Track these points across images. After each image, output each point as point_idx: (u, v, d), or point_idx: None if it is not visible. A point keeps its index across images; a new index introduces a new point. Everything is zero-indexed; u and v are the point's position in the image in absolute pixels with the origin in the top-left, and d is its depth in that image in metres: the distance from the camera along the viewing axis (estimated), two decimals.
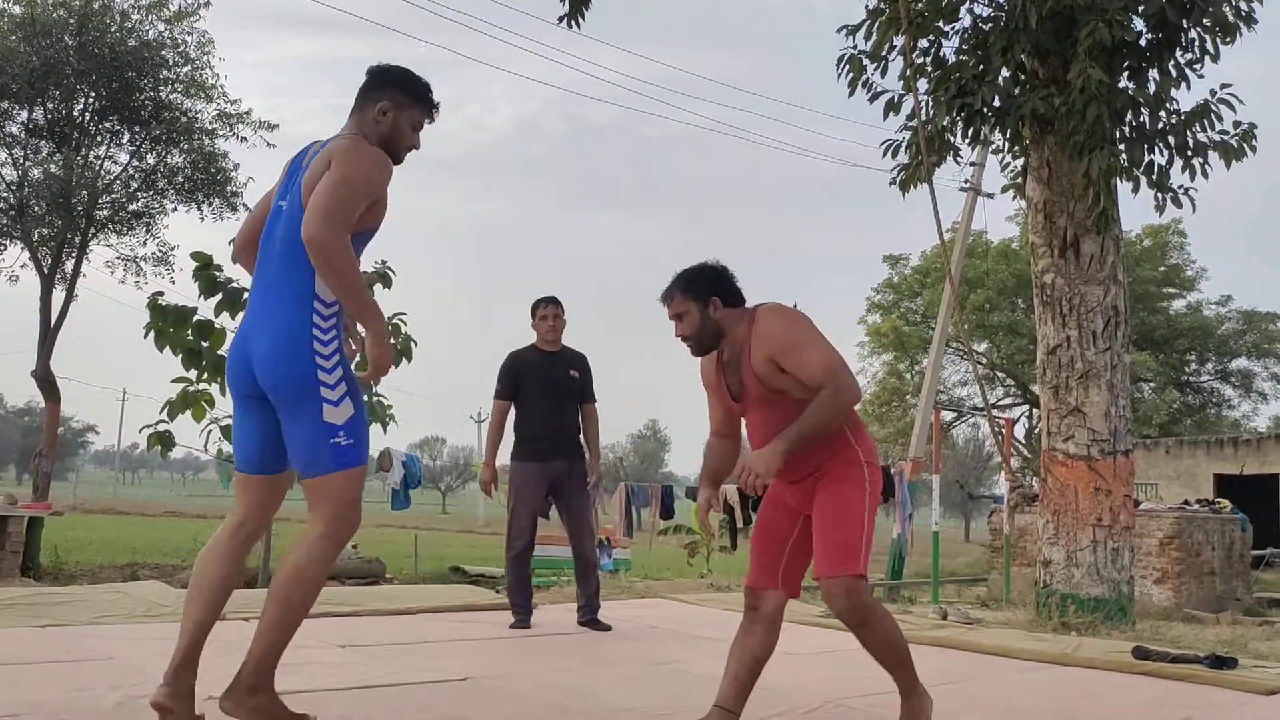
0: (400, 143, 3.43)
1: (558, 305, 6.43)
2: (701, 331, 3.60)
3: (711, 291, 3.57)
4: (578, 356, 6.48)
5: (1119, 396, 8.07)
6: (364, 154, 3.23)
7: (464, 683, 4.41)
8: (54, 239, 21.38)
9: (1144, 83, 8.20)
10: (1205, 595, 12.71)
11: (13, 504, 11.06)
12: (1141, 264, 33.31)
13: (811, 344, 3.43)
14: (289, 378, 3.13)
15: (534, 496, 6.30)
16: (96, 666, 4.28)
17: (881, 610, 3.50)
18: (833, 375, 3.35)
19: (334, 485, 3.19)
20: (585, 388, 6.47)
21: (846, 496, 3.41)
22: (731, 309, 3.60)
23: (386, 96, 3.38)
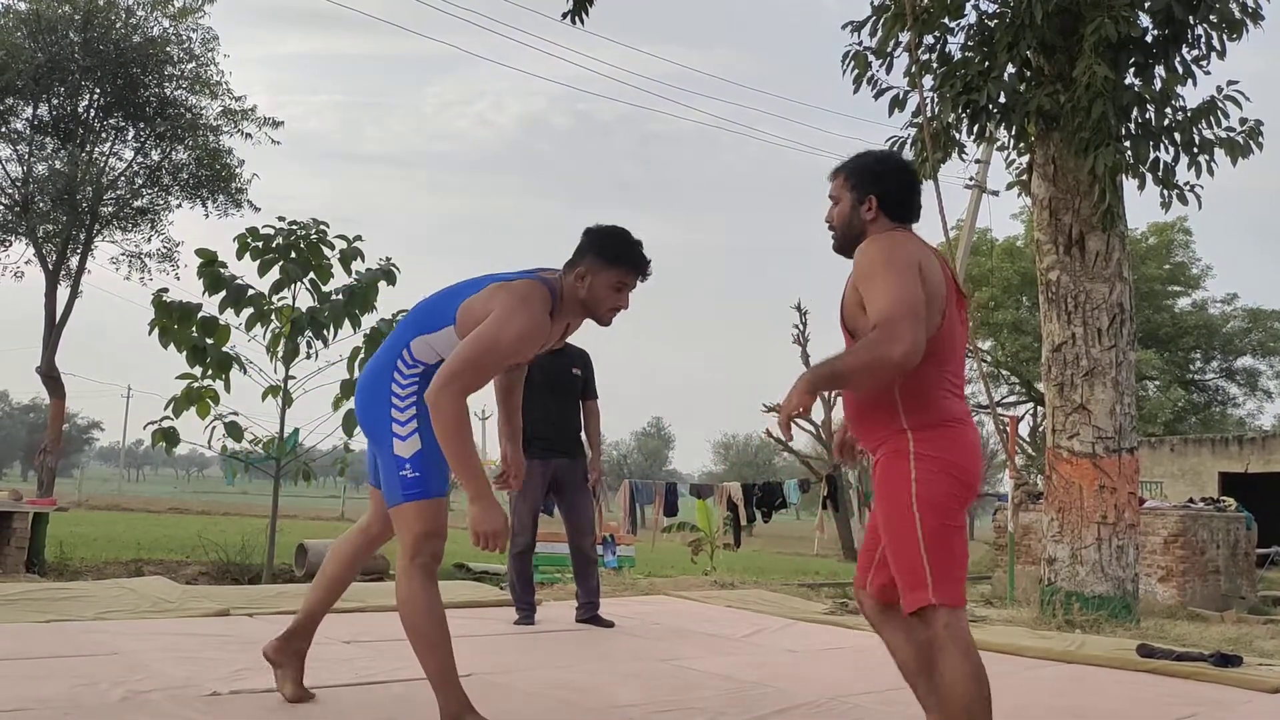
0: (599, 307, 3.43)
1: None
2: (846, 228, 3.04)
3: (873, 189, 3.00)
4: (580, 353, 6.48)
5: (1124, 394, 8.06)
6: (516, 321, 3.22)
7: (468, 679, 4.40)
8: (59, 235, 21.42)
9: (1150, 79, 8.19)
10: (1210, 593, 12.69)
11: (18, 500, 11.08)
12: (1147, 262, 33.25)
13: (889, 278, 2.75)
14: (366, 416, 3.47)
15: (535, 493, 6.30)
16: (101, 662, 4.28)
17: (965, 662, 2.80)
18: (889, 320, 2.67)
19: (406, 515, 3.35)
20: (587, 384, 6.48)
21: (890, 507, 2.85)
22: (885, 219, 3.00)
23: (586, 261, 3.39)
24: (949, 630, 2.79)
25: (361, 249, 9.60)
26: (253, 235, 9.23)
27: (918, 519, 2.78)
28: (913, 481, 2.80)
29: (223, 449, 9.43)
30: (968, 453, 2.86)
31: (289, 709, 3.67)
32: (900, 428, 2.85)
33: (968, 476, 2.85)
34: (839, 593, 10.84)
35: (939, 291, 2.85)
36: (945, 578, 2.79)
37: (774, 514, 18.08)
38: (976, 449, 2.91)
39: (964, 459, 2.85)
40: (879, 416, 2.89)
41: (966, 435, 2.88)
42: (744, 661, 5.24)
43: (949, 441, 2.84)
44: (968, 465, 2.85)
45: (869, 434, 2.95)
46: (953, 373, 2.92)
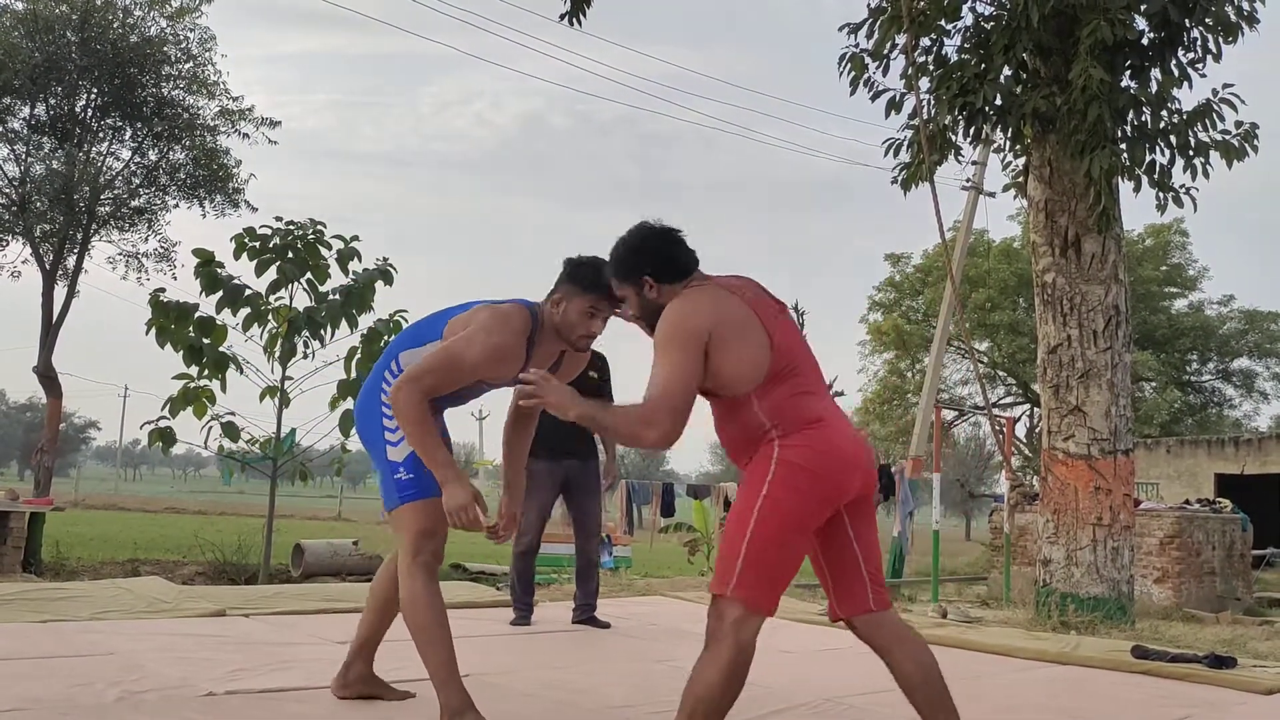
0: (571, 332, 3.54)
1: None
2: (649, 316, 3.05)
3: (641, 271, 3.07)
4: (598, 357, 6.45)
5: (1120, 396, 8.07)
6: (485, 337, 3.40)
7: (465, 679, 4.41)
8: (56, 235, 21.40)
9: (1146, 82, 8.21)
10: (1205, 595, 12.71)
11: (14, 499, 11.08)
12: (1143, 263, 33.30)
13: (665, 359, 2.85)
14: (363, 430, 3.64)
15: (544, 494, 6.32)
16: (97, 662, 4.29)
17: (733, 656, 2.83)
18: (652, 406, 2.80)
19: (404, 517, 3.48)
20: (604, 388, 6.45)
21: (743, 501, 2.86)
22: (670, 286, 3.04)
23: (561, 288, 3.54)
24: (734, 627, 2.81)
25: (358, 249, 9.61)
26: (250, 235, 9.24)
27: (754, 519, 2.80)
28: (766, 484, 2.82)
29: (219, 449, 9.44)
30: (832, 452, 2.86)
31: (286, 709, 3.67)
32: (770, 437, 2.87)
33: (832, 479, 2.85)
34: None
35: (749, 327, 2.91)
36: (756, 580, 2.80)
37: None
38: (842, 447, 2.89)
39: (828, 461, 2.85)
40: (748, 434, 2.92)
41: (831, 436, 2.88)
42: None
43: (813, 445, 2.85)
44: (832, 466, 2.85)
45: (742, 451, 2.96)
46: (806, 377, 2.97)
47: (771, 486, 2.81)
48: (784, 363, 2.91)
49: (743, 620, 2.81)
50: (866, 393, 37.64)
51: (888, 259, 37.49)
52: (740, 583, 2.79)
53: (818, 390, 2.99)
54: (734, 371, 2.86)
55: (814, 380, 3.00)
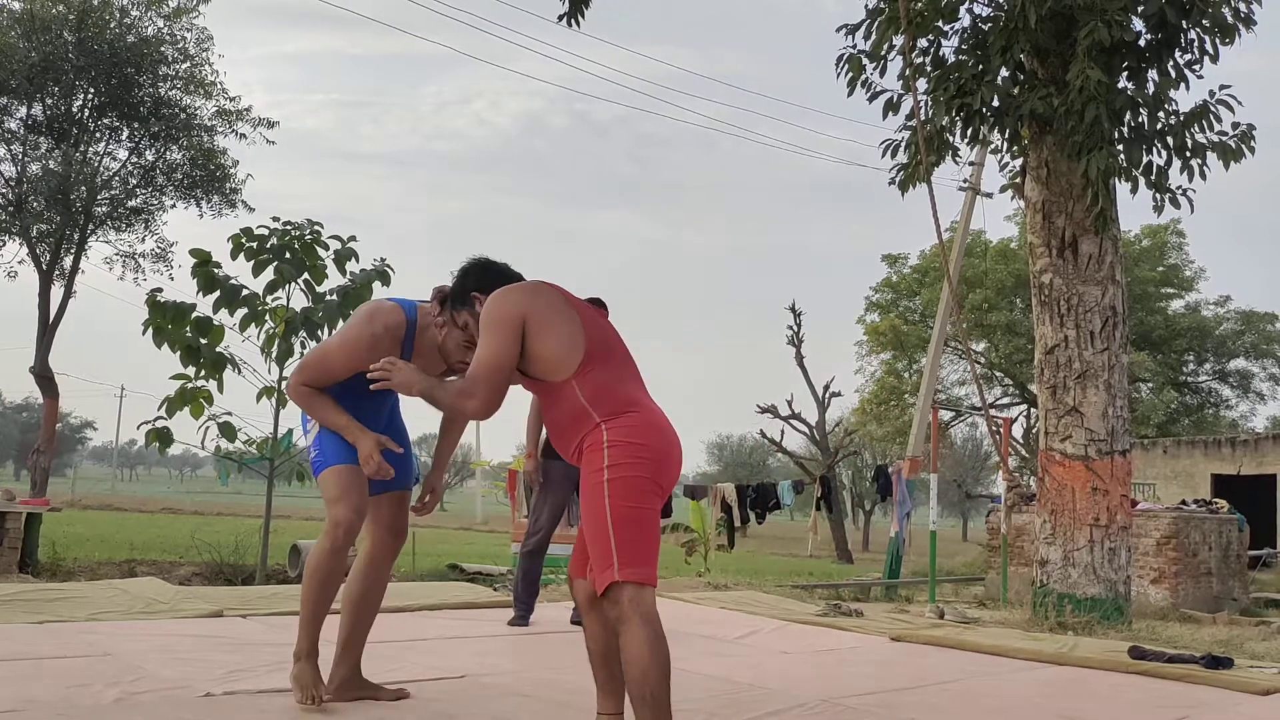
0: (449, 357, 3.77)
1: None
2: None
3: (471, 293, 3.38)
4: None
5: (1116, 396, 8.08)
6: (347, 332, 3.73)
7: (462, 680, 4.42)
8: (53, 235, 21.38)
9: (1143, 83, 8.22)
10: (1202, 595, 12.72)
11: (11, 500, 11.06)
12: (1140, 264, 33.31)
13: (484, 340, 3.05)
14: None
15: (560, 494, 6.34)
16: (95, 663, 4.28)
17: (642, 628, 2.92)
18: (471, 380, 3.01)
19: (321, 487, 3.77)
20: None
21: (589, 494, 2.95)
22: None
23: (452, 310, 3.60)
24: (632, 603, 2.90)
25: (356, 249, 9.60)
26: (247, 235, 9.22)
27: (608, 501, 2.90)
28: (605, 467, 2.92)
29: (216, 449, 9.42)
30: (655, 432, 3.00)
31: (284, 710, 3.67)
32: (595, 423, 2.99)
33: (660, 455, 2.98)
34: (833, 594, 10.85)
35: (562, 313, 3.08)
36: (632, 557, 2.90)
37: (768, 515, 18.09)
38: (664, 427, 3.04)
39: (653, 439, 2.98)
40: (574, 419, 3.04)
41: (649, 416, 3.02)
42: (737, 663, 5.25)
43: (638, 425, 2.99)
44: (658, 444, 2.99)
45: (570, 440, 3.07)
46: (623, 366, 3.13)
47: (611, 468, 2.92)
48: (599, 349, 3.07)
49: (637, 596, 2.91)
50: (864, 393, 37.66)
51: (885, 259, 37.51)
52: (621, 565, 2.89)
53: (635, 379, 3.15)
54: (549, 352, 3.02)
55: (630, 369, 3.16)
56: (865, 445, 43.18)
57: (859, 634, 6.61)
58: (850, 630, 6.73)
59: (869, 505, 55.49)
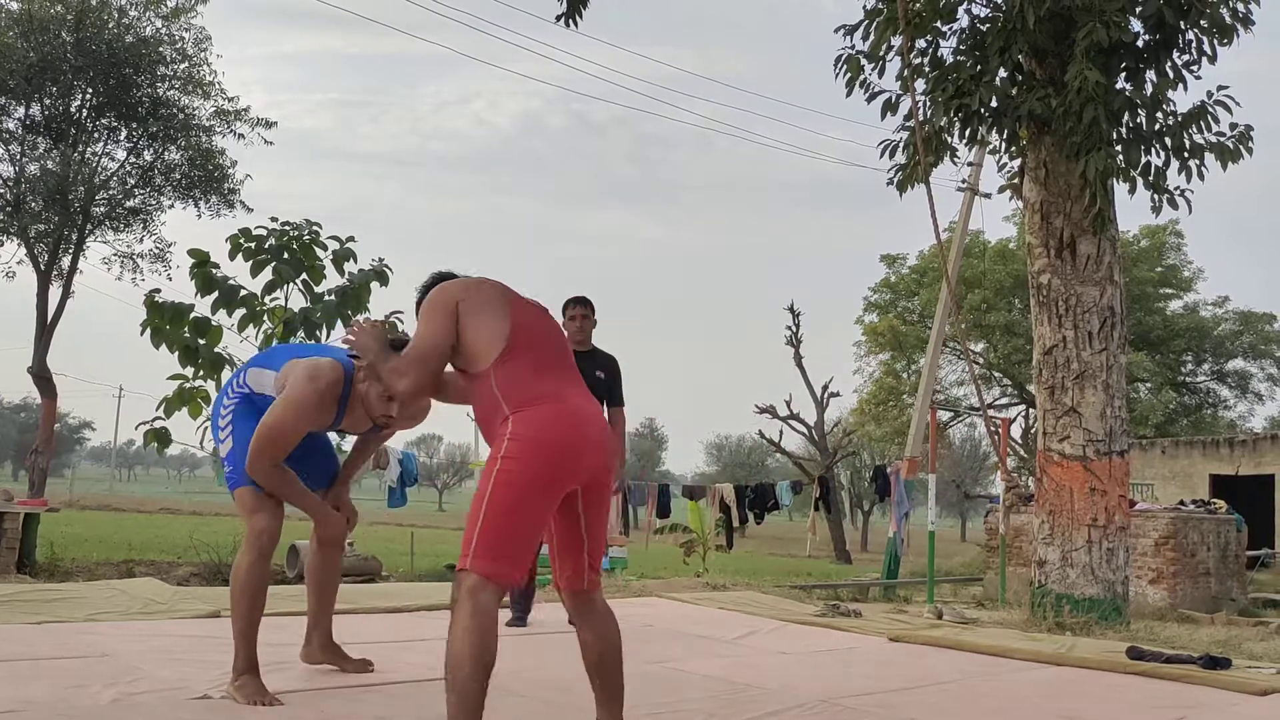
0: (372, 410, 3.97)
1: (586, 306, 6.40)
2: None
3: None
4: (607, 358, 6.43)
5: (1115, 397, 8.09)
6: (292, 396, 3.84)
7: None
8: (51, 235, 21.37)
9: (1141, 84, 8.22)
10: (1200, 595, 12.73)
11: (9, 500, 11.05)
12: (1138, 264, 33.33)
13: (420, 325, 3.17)
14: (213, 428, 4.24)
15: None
16: (92, 663, 4.28)
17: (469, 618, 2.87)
18: (404, 360, 3.11)
19: (237, 502, 4.00)
20: (613, 390, 6.41)
21: (481, 480, 2.98)
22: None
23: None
24: (470, 593, 2.87)
25: (354, 250, 9.59)
26: (245, 236, 9.22)
27: (489, 491, 2.91)
28: (499, 458, 2.94)
29: (214, 450, 9.42)
30: (560, 425, 2.99)
31: (281, 710, 3.67)
32: (505, 416, 3.01)
33: (562, 449, 2.97)
34: (831, 594, 10.85)
35: (494, 304, 3.14)
36: (491, 551, 2.88)
37: (766, 515, 18.07)
38: (571, 419, 3.02)
39: (556, 432, 2.97)
40: (493, 415, 3.07)
41: (559, 408, 3.02)
42: (736, 663, 5.25)
43: (542, 418, 2.98)
44: (561, 438, 2.97)
45: (489, 431, 3.10)
46: (544, 356, 3.14)
47: (503, 460, 2.93)
48: (522, 342, 3.09)
49: (479, 587, 2.88)
50: (862, 394, 37.66)
51: (883, 260, 37.49)
52: (476, 554, 2.88)
53: (559, 372, 3.15)
54: (472, 341, 3.08)
55: (554, 362, 3.16)
56: (864, 446, 43.19)
57: (857, 634, 6.62)
58: (849, 631, 6.74)
59: (867, 506, 55.51)
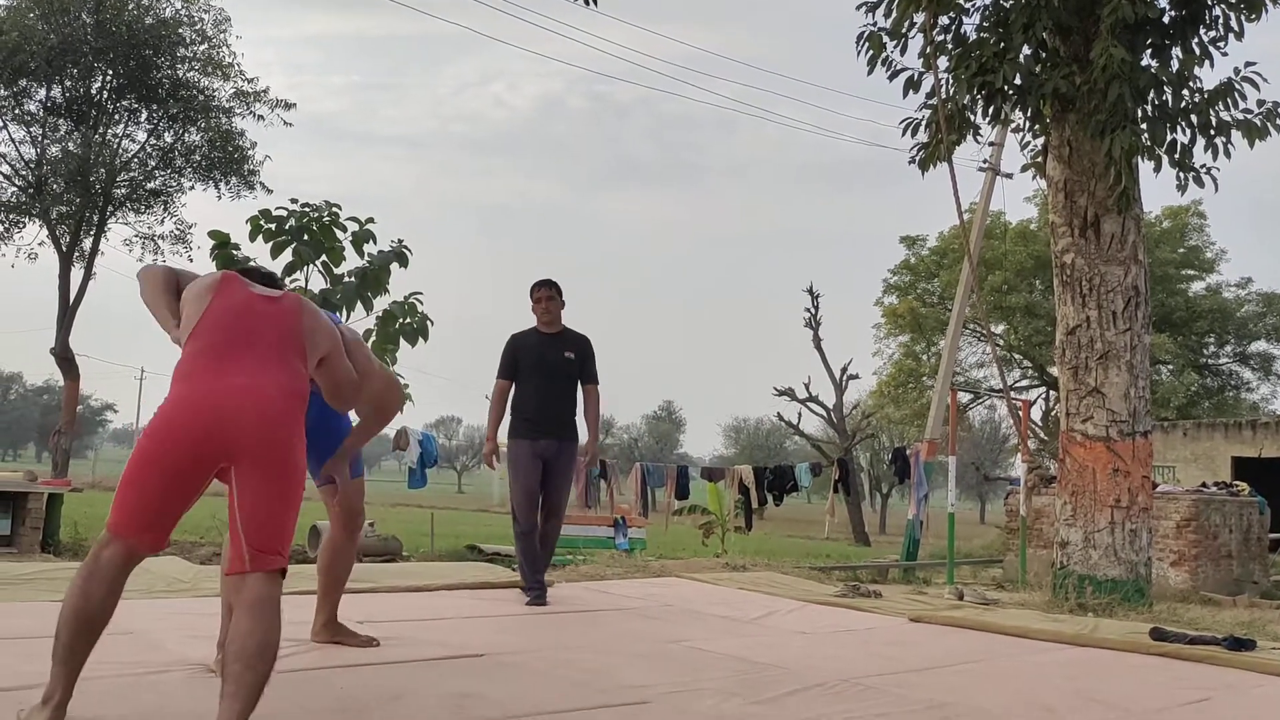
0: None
1: (551, 288, 6.46)
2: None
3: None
4: (577, 338, 6.50)
5: (1139, 377, 8.02)
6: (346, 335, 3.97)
7: (480, 659, 4.43)
8: (72, 217, 21.48)
9: (1167, 61, 8.12)
10: (1222, 578, 12.66)
11: (33, 480, 11.14)
12: (1161, 245, 33.05)
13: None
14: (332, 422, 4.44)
15: (528, 474, 6.35)
16: (117, 640, 4.29)
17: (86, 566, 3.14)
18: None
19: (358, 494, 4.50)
20: (584, 369, 6.49)
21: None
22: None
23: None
24: (97, 545, 3.18)
25: (373, 231, 9.61)
26: (265, 217, 9.24)
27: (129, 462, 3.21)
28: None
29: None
30: (188, 408, 3.17)
31: (301, 686, 3.69)
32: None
33: (181, 432, 3.13)
34: (850, 576, 10.84)
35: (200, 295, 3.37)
36: (117, 510, 3.16)
37: (785, 497, 18.04)
38: (205, 401, 3.16)
39: (181, 415, 3.16)
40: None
41: (196, 390, 3.19)
42: (755, 643, 5.25)
43: (173, 399, 3.20)
44: (185, 422, 3.14)
45: None
46: (221, 339, 3.28)
47: (142, 433, 3.23)
48: (204, 326, 3.28)
49: (105, 541, 3.16)
50: (881, 376, 37.57)
51: (903, 241, 37.31)
52: (111, 512, 3.18)
53: (234, 355, 3.25)
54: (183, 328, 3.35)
55: (230, 344, 3.27)
56: (883, 428, 43.12)
57: (878, 615, 6.60)
58: (869, 611, 6.72)
59: (886, 488, 55.44)
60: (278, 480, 3.18)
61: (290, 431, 3.22)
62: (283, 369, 3.30)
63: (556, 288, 6.49)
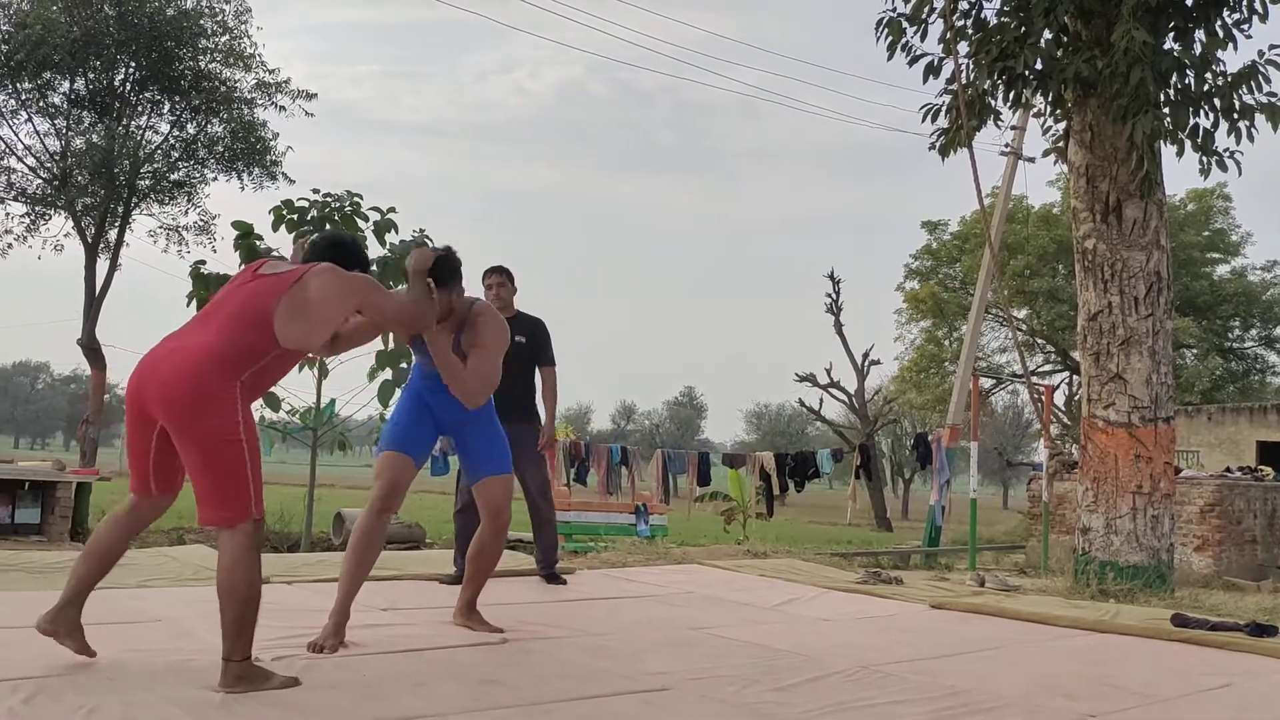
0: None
1: (501, 274, 6.52)
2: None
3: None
4: (530, 322, 6.54)
5: (1160, 363, 7.99)
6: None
7: (502, 646, 4.47)
8: (97, 208, 21.66)
9: (1189, 44, 8.05)
10: (1246, 563, 12.61)
11: (61, 470, 11.28)
12: (1185, 229, 32.75)
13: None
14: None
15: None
16: (145, 628, 4.38)
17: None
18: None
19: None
20: (539, 352, 6.53)
21: None
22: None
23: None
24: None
25: (395, 220, 9.66)
26: (288, 207, 9.31)
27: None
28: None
29: (261, 419, 9.55)
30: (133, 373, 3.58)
31: (327, 674, 3.74)
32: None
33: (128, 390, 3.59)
34: (871, 562, 10.85)
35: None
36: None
37: (806, 483, 18.06)
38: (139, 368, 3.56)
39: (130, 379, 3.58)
40: None
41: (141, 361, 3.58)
42: (776, 630, 5.28)
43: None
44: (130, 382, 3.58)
45: None
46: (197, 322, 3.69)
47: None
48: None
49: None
50: (903, 361, 37.44)
51: (924, 226, 37.10)
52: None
53: (184, 325, 3.68)
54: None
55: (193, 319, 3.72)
56: (904, 413, 43.01)
57: (899, 601, 6.61)
58: (890, 598, 6.74)
59: (908, 474, 55.32)
60: (194, 447, 3.41)
61: (195, 388, 3.38)
62: (219, 333, 3.49)
63: (507, 273, 6.56)
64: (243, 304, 3.56)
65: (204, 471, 3.42)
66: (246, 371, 3.48)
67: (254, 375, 3.52)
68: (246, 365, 3.48)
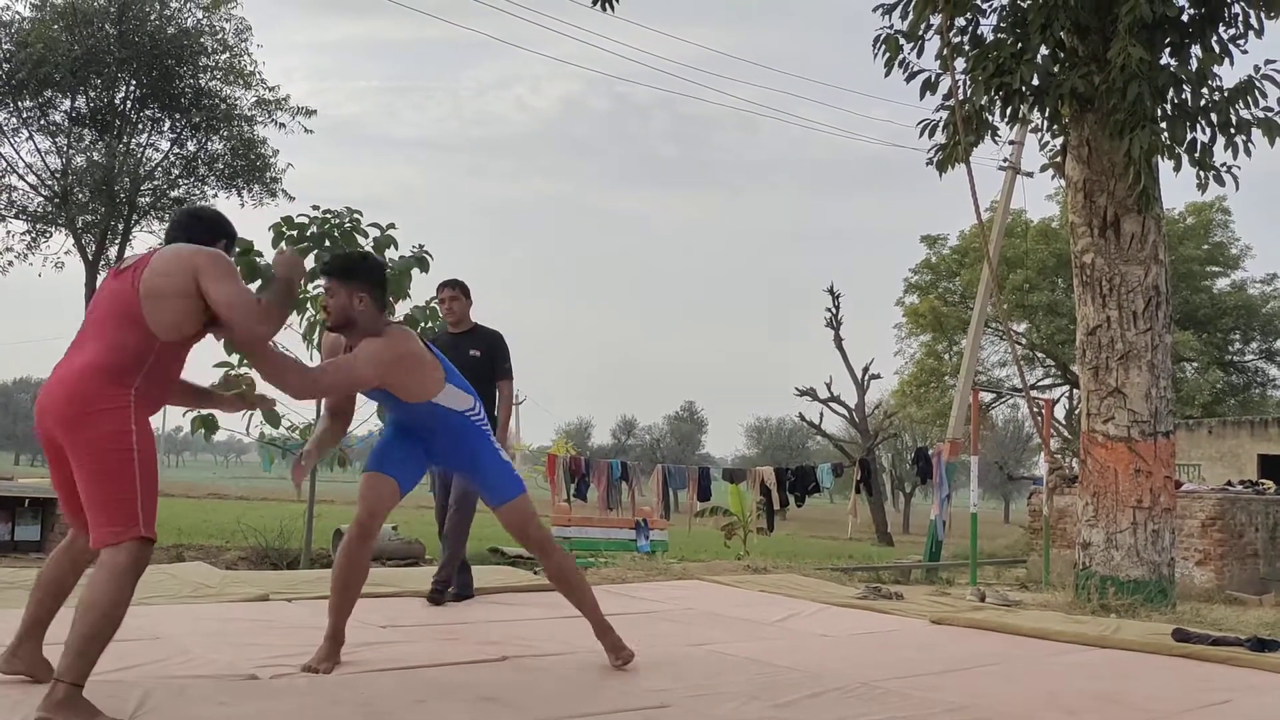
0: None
1: (455, 288, 6.52)
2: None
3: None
4: (487, 335, 6.53)
5: (1160, 377, 7.99)
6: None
7: (502, 663, 4.47)
8: (97, 226, 21.72)
9: (1186, 59, 8.09)
10: (1248, 577, 12.59)
11: None
12: (1185, 242, 32.79)
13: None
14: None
15: (443, 475, 6.39)
16: (144, 646, 4.37)
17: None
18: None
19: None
20: (494, 366, 6.49)
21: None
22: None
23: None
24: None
25: (395, 236, 9.67)
26: (288, 224, 9.33)
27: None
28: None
29: (261, 435, 9.56)
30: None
31: (327, 692, 3.73)
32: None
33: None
34: (872, 577, 10.84)
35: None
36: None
37: (807, 498, 18.04)
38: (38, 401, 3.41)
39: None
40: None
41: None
42: (776, 646, 5.27)
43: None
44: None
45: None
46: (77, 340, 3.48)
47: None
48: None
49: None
50: (903, 375, 37.45)
51: (924, 241, 37.16)
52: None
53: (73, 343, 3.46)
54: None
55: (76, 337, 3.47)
56: (905, 427, 42.99)
57: (899, 617, 6.60)
58: (890, 613, 6.73)
59: (909, 488, 55.24)
60: (81, 462, 3.27)
61: (81, 402, 3.26)
62: (95, 341, 3.37)
63: (461, 287, 6.55)
64: (109, 306, 3.39)
65: (90, 482, 3.23)
66: (135, 376, 3.29)
67: (146, 379, 3.33)
68: (133, 369, 3.30)
